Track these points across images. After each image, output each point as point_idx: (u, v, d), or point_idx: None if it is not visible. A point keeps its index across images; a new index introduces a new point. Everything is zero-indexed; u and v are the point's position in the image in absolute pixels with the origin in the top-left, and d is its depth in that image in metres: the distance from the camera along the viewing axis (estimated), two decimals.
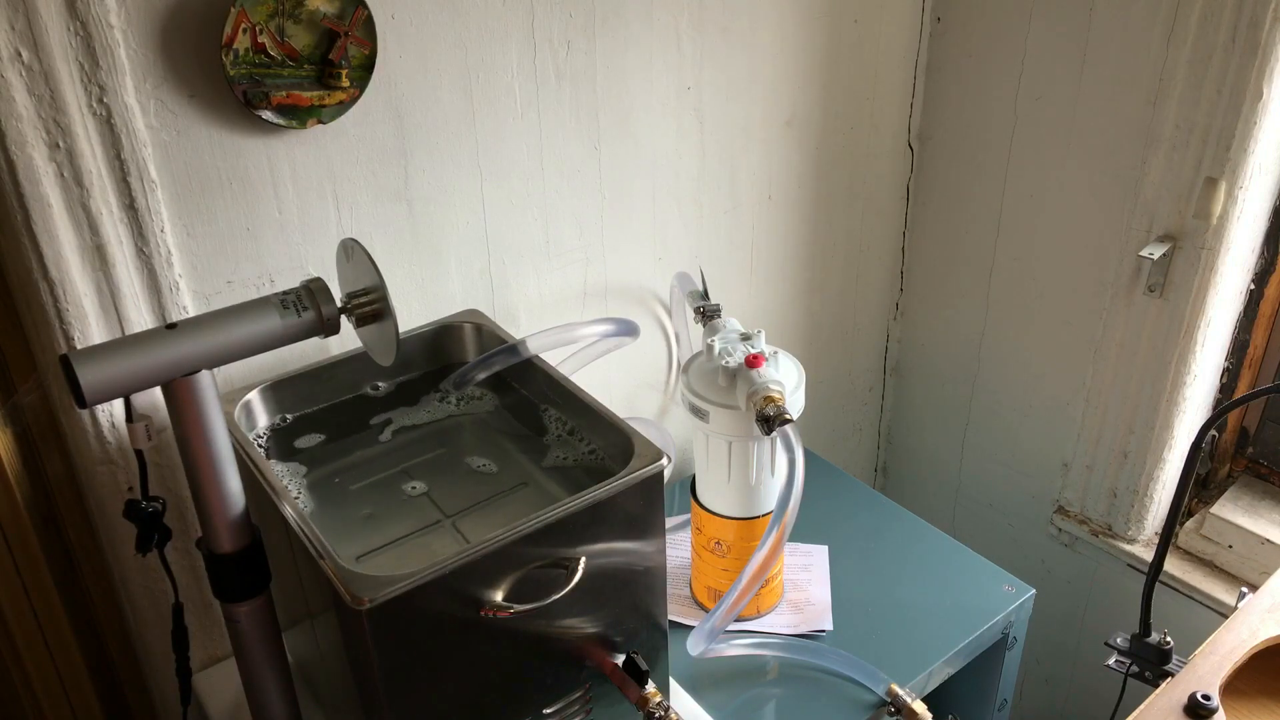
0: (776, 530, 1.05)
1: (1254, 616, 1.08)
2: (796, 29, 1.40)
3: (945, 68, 1.58)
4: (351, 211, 1.10)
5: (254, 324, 0.81)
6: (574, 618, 0.92)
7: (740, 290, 1.53)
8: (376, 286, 0.85)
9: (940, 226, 1.69)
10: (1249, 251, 1.39)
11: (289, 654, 0.92)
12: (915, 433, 1.89)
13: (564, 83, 1.20)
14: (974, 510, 1.83)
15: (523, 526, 0.83)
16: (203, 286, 1.04)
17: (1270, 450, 1.55)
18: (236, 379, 1.05)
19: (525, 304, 1.29)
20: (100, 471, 1.04)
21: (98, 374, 0.73)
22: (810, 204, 1.55)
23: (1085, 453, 1.58)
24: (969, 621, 1.25)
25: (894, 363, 1.86)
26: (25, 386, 1.02)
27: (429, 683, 0.85)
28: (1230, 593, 1.47)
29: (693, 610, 1.29)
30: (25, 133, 0.87)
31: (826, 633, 1.25)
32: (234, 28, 0.93)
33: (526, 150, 1.20)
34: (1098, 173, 1.43)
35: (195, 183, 0.99)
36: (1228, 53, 1.23)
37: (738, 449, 1.14)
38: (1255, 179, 1.30)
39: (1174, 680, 1.03)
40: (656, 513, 0.93)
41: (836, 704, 1.15)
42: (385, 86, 1.06)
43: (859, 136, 1.57)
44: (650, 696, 0.96)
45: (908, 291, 1.79)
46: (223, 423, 0.81)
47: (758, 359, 1.10)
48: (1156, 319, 1.42)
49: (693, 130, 1.35)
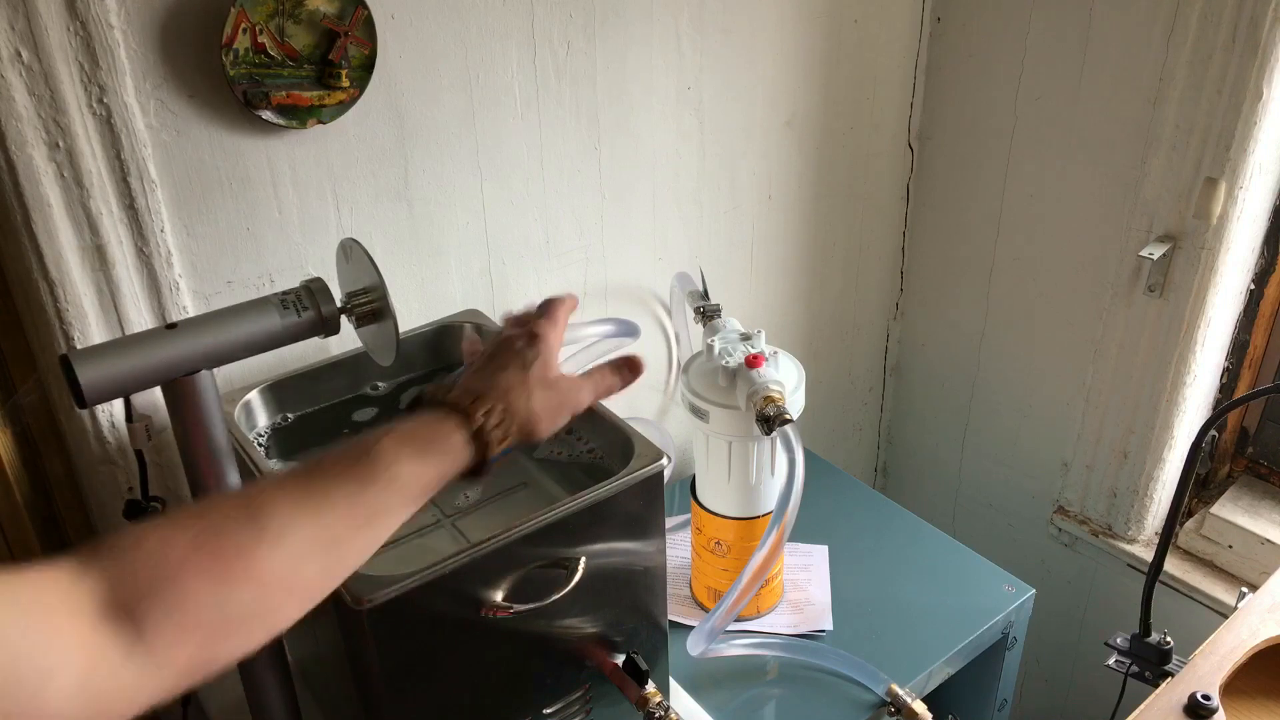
0: (776, 530, 1.05)
1: (1254, 616, 1.08)
2: (796, 29, 1.40)
3: (945, 68, 1.58)
4: (351, 211, 1.10)
5: (254, 324, 0.81)
6: (574, 618, 0.92)
7: (740, 290, 1.53)
8: (376, 286, 0.85)
9: (940, 226, 1.69)
10: (1249, 251, 1.39)
11: (289, 654, 0.92)
12: (915, 433, 1.89)
13: (564, 83, 1.20)
14: (974, 510, 1.83)
15: (523, 526, 0.83)
16: (203, 286, 1.04)
17: (1270, 450, 1.55)
18: (236, 379, 1.05)
19: (525, 304, 1.28)
20: (100, 471, 1.04)
21: (98, 374, 0.73)
22: (810, 204, 1.55)
23: (1085, 453, 1.58)
24: (969, 621, 1.25)
25: (894, 363, 1.86)
26: (25, 386, 1.02)
27: (429, 683, 0.85)
28: (1230, 593, 1.46)
29: (693, 610, 1.29)
30: (25, 133, 0.87)
31: (826, 633, 1.25)
32: (234, 28, 0.93)
33: (526, 150, 1.20)
34: (1098, 173, 1.43)
35: (195, 183, 0.99)
36: (1228, 53, 1.23)
37: (738, 449, 1.14)
38: (1255, 179, 1.30)
39: (1174, 680, 1.03)
40: (656, 513, 0.93)
41: (836, 704, 1.15)
42: (385, 86, 1.06)
43: (859, 136, 1.57)
44: (650, 696, 0.96)
45: (908, 291, 1.79)
46: (223, 423, 0.81)
47: (758, 359, 1.10)
48: (1156, 319, 1.42)
49: (693, 130, 1.35)
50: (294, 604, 0.63)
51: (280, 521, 0.62)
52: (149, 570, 0.58)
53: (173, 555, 0.59)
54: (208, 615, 0.59)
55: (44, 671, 0.52)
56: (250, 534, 0.61)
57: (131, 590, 0.57)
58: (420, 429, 0.70)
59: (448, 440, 0.70)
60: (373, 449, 0.67)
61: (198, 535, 0.60)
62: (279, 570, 0.61)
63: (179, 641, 0.58)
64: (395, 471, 0.66)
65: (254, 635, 0.62)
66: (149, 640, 0.57)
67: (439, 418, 0.71)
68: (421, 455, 0.68)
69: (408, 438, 0.68)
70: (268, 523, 0.62)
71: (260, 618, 0.62)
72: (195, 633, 0.58)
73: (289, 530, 0.62)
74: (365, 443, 0.67)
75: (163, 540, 0.60)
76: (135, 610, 0.57)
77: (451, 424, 0.70)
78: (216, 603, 0.59)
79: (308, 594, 0.64)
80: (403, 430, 0.69)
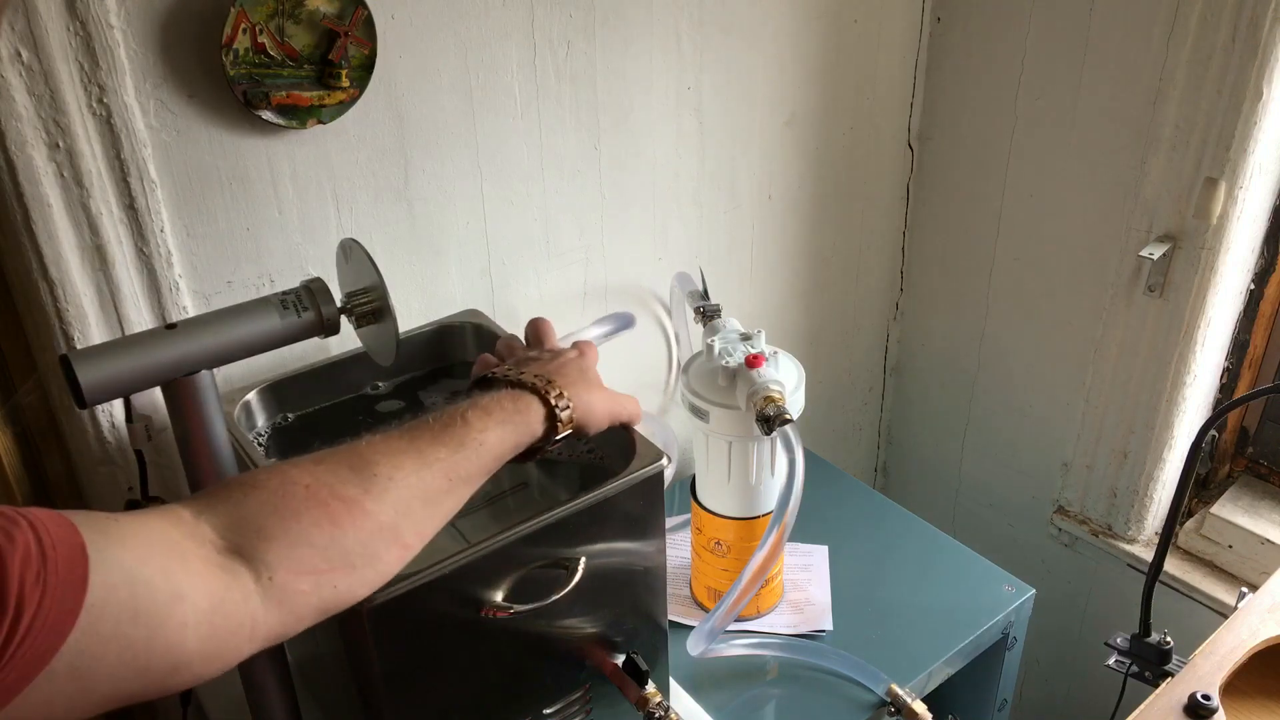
0: (776, 530, 1.05)
1: (1254, 616, 1.08)
2: (796, 29, 1.40)
3: (945, 68, 1.58)
4: (351, 211, 1.10)
5: (254, 324, 0.81)
6: (574, 618, 0.92)
7: (740, 290, 1.53)
8: (376, 286, 0.85)
9: (940, 226, 1.69)
10: (1249, 251, 1.39)
11: (289, 654, 0.92)
12: (915, 433, 1.89)
13: (564, 83, 1.20)
14: (974, 510, 1.83)
15: (523, 526, 0.83)
16: (203, 286, 1.04)
17: (1270, 450, 1.55)
18: (236, 379, 1.05)
19: (525, 304, 1.29)
20: (100, 471, 1.04)
21: (98, 374, 0.73)
22: (810, 204, 1.55)
23: (1085, 453, 1.58)
24: (969, 621, 1.25)
25: (894, 363, 1.86)
26: (25, 387, 1.02)
27: (429, 683, 0.85)
28: (1230, 593, 1.46)
29: (693, 610, 1.29)
30: (25, 133, 0.87)
31: (826, 633, 1.25)
32: (234, 28, 0.93)
33: (526, 150, 1.20)
34: (1098, 172, 1.43)
35: (195, 183, 0.99)
36: (1228, 53, 1.23)
37: (738, 449, 1.14)
38: (1255, 179, 1.30)
39: (1174, 680, 1.03)
40: (656, 513, 0.93)
41: (836, 704, 1.15)
42: (385, 86, 1.06)
43: (859, 136, 1.57)
44: (650, 696, 0.96)
45: (908, 291, 1.79)
46: (223, 423, 0.81)
47: (758, 359, 1.10)
48: (1156, 319, 1.42)
49: (693, 130, 1.35)
50: (395, 552, 0.69)
51: (386, 475, 0.68)
52: (269, 512, 0.63)
53: (292, 499, 0.64)
54: (322, 556, 0.64)
55: (171, 600, 0.55)
56: (359, 485, 0.67)
57: (255, 530, 0.62)
58: (504, 401, 0.77)
59: (528, 413, 0.77)
60: (463, 416, 0.74)
61: (312, 483, 0.65)
62: (384, 519, 0.67)
63: (296, 579, 0.62)
64: (484, 438, 0.74)
65: (364, 577, 0.67)
66: (269, 577, 0.61)
67: (518, 394, 0.78)
68: (505, 425, 0.75)
69: (493, 408, 0.76)
70: (375, 475, 0.68)
71: (368, 561, 0.67)
72: (311, 572, 0.63)
73: (393, 485, 0.68)
74: (452, 412, 0.74)
75: (283, 483, 0.65)
76: (257, 548, 0.61)
77: (533, 400, 0.78)
78: (329, 544, 0.64)
79: (405, 547, 0.70)
80: (486, 402, 0.76)
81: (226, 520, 0.62)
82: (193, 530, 0.60)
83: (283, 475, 0.66)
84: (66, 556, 0.50)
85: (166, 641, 0.55)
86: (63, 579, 0.49)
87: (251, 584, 0.60)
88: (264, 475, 0.66)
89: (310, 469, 0.67)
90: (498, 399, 0.77)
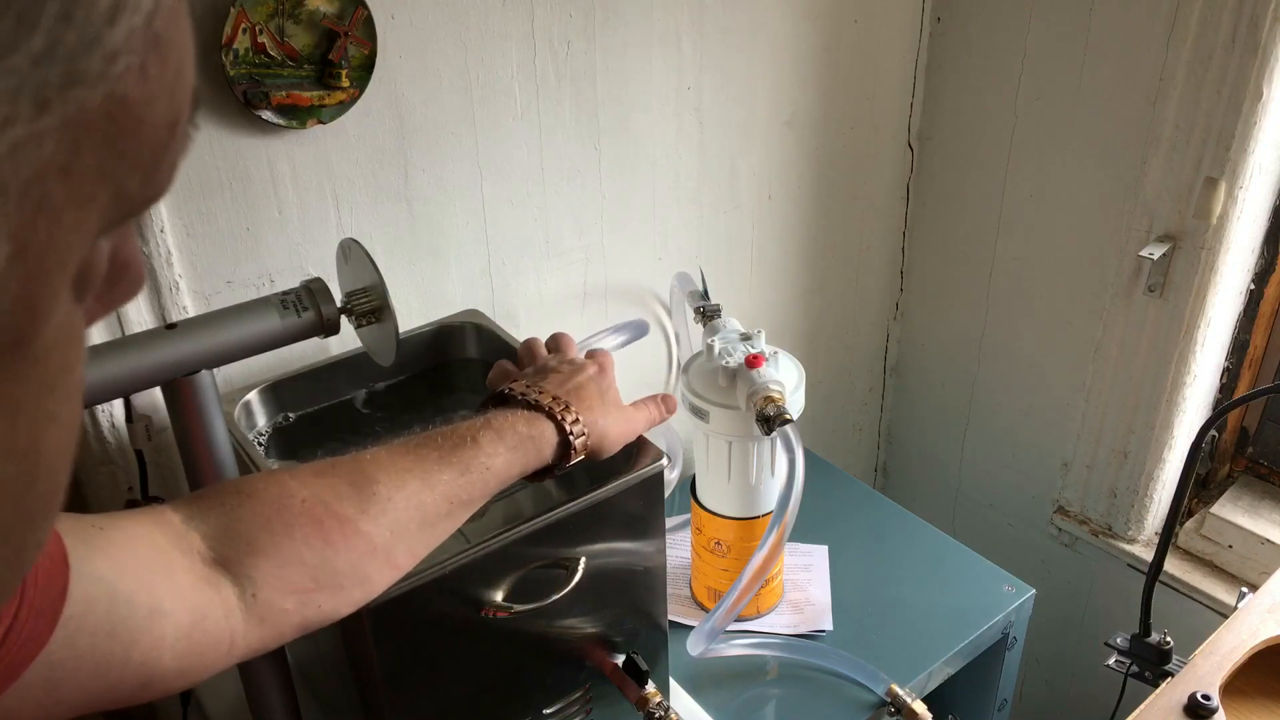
0: (776, 530, 1.05)
1: (1254, 616, 1.08)
2: (796, 29, 1.40)
3: (945, 68, 1.58)
4: (351, 211, 1.10)
5: (254, 324, 0.81)
6: (574, 618, 0.92)
7: (740, 290, 1.53)
8: (376, 286, 0.85)
9: (940, 226, 1.69)
10: (1249, 251, 1.39)
11: (289, 654, 0.91)
12: (915, 433, 1.89)
13: (564, 83, 1.20)
14: (974, 510, 1.83)
15: (523, 526, 0.83)
16: (203, 286, 1.04)
17: (1270, 450, 1.55)
18: (236, 379, 1.05)
19: (525, 304, 1.29)
20: (100, 472, 1.04)
21: (97, 374, 0.73)
22: (810, 204, 1.55)
23: (1085, 453, 1.58)
24: (969, 621, 1.25)
25: (894, 363, 1.86)
26: None
27: (429, 683, 0.85)
28: (1230, 593, 1.46)
29: (693, 610, 1.29)
30: None
31: (826, 633, 1.25)
32: (234, 28, 0.93)
33: (526, 150, 1.20)
34: (1098, 172, 1.43)
35: (195, 183, 0.99)
36: (1228, 53, 1.23)
37: (738, 449, 1.14)
38: (1255, 179, 1.30)
39: (1174, 680, 1.03)
40: (656, 513, 0.93)
41: (836, 704, 1.15)
42: (385, 86, 1.06)
43: (859, 136, 1.57)
44: (650, 696, 0.96)
45: (908, 291, 1.79)
46: (223, 423, 0.81)
47: (758, 359, 1.10)
48: (1156, 319, 1.42)
49: (693, 130, 1.35)
50: (386, 574, 0.67)
51: (386, 495, 0.66)
52: (261, 525, 0.61)
53: (286, 513, 0.62)
54: (310, 575, 0.62)
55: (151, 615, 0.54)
56: (357, 504, 0.64)
57: (245, 542, 0.60)
58: (518, 424, 0.74)
59: (540, 439, 0.74)
60: (474, 438, 0.71)
61: (309, 498, 0.63)
62: (378, 541, 0.65)
63: (281, 598, 0.60)
64: (492, 463, 0.71)
65: (351, 597, 0.65)
66: (253, 594, 0.59)
67: (533, 416, 0.75)
68: (515, 450, 0.73)
69: (506, 431, 0.73)
70: (374, 494, 0.65)
71: (356, 582, 0.65)
72: (297, 591, 0.61)
73: (392, 505, 0.66)
74: (463, 431, 0.71)
75: (279, 494, 0.63)
76: (244, 562, 0.60)
77: (547, 425, 0.75)
78: (319, 563, 0.62)
79: (396, 568, 0.68)
80: (499, 424, 0.73)
81: (217, 529, 0.60)
82: (180, 538, 0.58)
83: (280, 486, 0.63)
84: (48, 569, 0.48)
85: (143, 657, 0.53)
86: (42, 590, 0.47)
87: (234, 599, 0.59)
88: (261, 483, 0.64)
89: (309, 481, 0.64)
90: (511, 421, 0.74)
